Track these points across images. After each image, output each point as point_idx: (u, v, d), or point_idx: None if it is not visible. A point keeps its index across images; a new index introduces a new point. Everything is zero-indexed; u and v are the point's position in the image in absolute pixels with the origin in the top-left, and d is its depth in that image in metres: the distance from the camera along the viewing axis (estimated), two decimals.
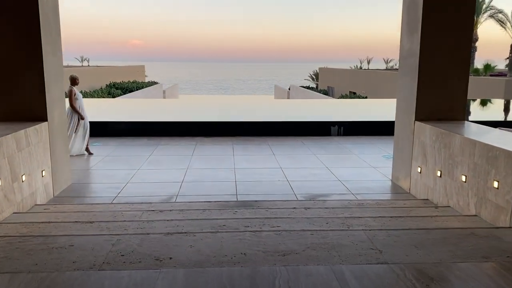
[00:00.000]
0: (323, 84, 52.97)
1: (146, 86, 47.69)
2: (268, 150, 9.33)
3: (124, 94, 38.64)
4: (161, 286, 2.73)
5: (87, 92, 35.29)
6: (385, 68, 60.35)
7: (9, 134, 4.94)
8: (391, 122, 11.58)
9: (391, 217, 4.55)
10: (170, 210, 4.94)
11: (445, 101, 6.13)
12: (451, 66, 6.06)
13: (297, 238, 3.72)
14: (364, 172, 7.53)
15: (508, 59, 31.84)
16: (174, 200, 5.94)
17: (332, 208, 5.05)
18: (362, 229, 4.01)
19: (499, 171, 4.25)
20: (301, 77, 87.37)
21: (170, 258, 3.33)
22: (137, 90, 42.59)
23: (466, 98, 6.21)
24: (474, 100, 19.20)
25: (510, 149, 4.16)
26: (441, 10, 5.91)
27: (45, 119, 5.84)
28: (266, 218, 4.42)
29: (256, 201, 5.55)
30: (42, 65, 5.70)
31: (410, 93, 6.28)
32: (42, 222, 4.31)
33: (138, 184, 6.74)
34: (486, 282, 2.80)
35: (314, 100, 25.33)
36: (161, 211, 4.91)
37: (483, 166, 4.50)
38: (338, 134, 11.16)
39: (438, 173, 5.46)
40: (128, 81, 48.99)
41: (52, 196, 6.04)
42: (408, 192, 6.37)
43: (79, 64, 70.87)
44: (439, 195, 5.46)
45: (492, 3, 34.62)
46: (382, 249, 3.52)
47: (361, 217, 4.54)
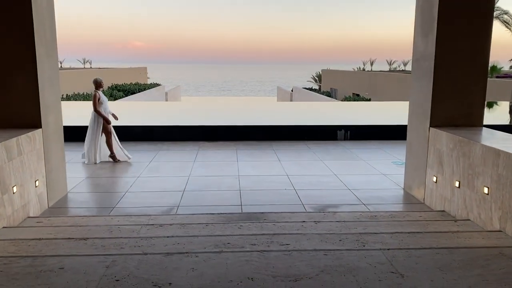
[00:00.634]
0: (326, 86, 52.64)
1: (148, 88, 47.45)
2: (273, 156, 9.00)
3: (126, 96, 38.40)
4: None
5: (89, 94, 35.07)
6: (389, 70, 59.96)
7: None
8: (399, 126, 11.36)
9: (409, 233, 4.21)
10: (171, 224, 4.61)
11: (462, 107, 5.79)
12: (469, 70, 5.72)
13: (309, 260, 3.39)
14: (374, 180, 7.19)
15: None
16: (175, 212, 5.61)
17: (344, 222, 4.72)
18: (380, 248, 3.67)
19: None
20: (304, 79, 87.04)
21: (170, 284, 3.01)
22: (139, 92, 42.36)
23: (484, 104, 5.86)
24: None
25: None
26: (458, 10, 5.58)
27: (39, 126, 5.53)
28: (274, 235, 4.09)
29: (262, 213, 5.22)
30: (36, 68, 5.39)
31: (425, 98, 5.94)
32: (32, 239, 3.99)
33: (138, 194, 6.42)
34: None
35: (319, 103, 25.00)
36: (161, 225, 4.58)
37: (509, 178, 4.16)
38: (345, 139, 10.82)
39: (456, 184, 5.12)
40: (130, 83, 48.78)
41: (47, 207, 5.72)
42: (423, 203, 6.03)
43: (81, 66, 70.71)
44: (458, 207, 5.11)
45: (498, 4, 34.22)
46: (404, 273, 3.19)
47: (377, 233, 4.20)
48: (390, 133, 10.89)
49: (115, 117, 8.69)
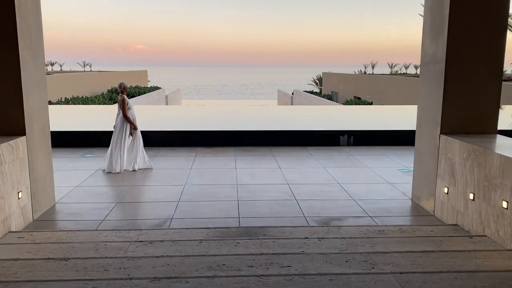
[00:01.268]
0: (327, 89, 52.30)
1: (149, 91, 47.11)
2: (273, 162, 8.63)
3: None
4: None
5: (88, 98, 34.76)
6: (390, 73, 59.61)
7: None
8: (404, 132, 10.99)
9: (422, 252, 3.84)
10: (162, 241, 4.24)
11: (475, 113, 5.42)
12: (482, 73, 5.35)
13: (314, 286, 3.02)
14: (380, 189, 6.82)
15: None
16: (168, 225, 5.24)
17: (350, 238, 4.34)
18: (391, 272, 3.31)
19: None
20: (304, 82, 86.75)
21: None
22: (139, 96, 42.03)
23: (498, 109, 5.50)
24: None
25: None
26: (471, 10, 5.22)
27: (23, 133, 5.17)
28: (274, 254, 3.72)
29: (261, 228, 4.85)
30: (19, 71, 5.03)
31: (434, 103, 5.58)
32: (8, 260, 3.62)
33: (129, 205, 6.05)
34: None
35: (321, 107, 24.65)
36: (151, 242, 4.21)
37: None
38: (348, 144, 10.46)
39: (471, 196, 4.74)
40: (130, 86, 48.43)
41: (31, 220, 5.35)
42: (432, 215, 5.65)
43: (81, 69, 70.46)
44: (472, 222, 4.74)
45: None
46: None
47: (386, 252, 3.83)
48: (395, 139, 10.52)
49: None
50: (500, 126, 5.66)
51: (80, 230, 4.84)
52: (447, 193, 5.29)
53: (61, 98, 32.25)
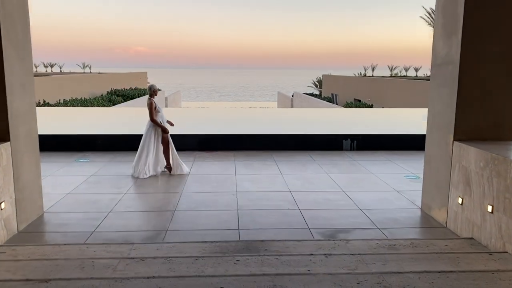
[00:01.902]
0: (327, 91, 51.96)
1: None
2: (275, 168, 8.28)
3: (125, 102, 37.70)
4: None
5: (87, 99, 34.40)
6: (390, 75, 59.31)
7: None
8: (409, 136, 10.64)
9: (440, 273, 3.49)
10: (154, 258, 3.88)
11: (491, 117, 5.08)
12: (499, 75, 5.01)
13: None
14: (387, 198, 6.47)
15: None
16: (163, 238, 4.88)
17: (360, 255, 3.99)
18: None
19: None
20: (304, 84, 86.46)
21: None
22: (138, 97, 41.68)
23: None
24: None
25: None
26: (487, 8, 4.88)
27: (7, 139, 4.82)
28: (277, 275, 3.37)
29: (263, 241, 4.49)
30: (3, 72, 4.69)
31: (447, 108, 5.24)
32: None
33: (122, 214, 5.69)
34: None
35: (322, 110, 24.31)
36: (143, 259, 3.86)
37: None
38: (351, 149, 10.11)
39: (489, 208, 4.39)
40: (130, 88, 48.11)
41: (16, 232, 4.99)
42: (445, 226, 5.30)
43: (81, 71, 70.14)
44: (491, 236, 4.39)
45: None
46: None
47: (401, 272, 3.48)
48: (400, 143, 10.18)
49: (171, 124, 8.05)
50: None
51: (67, 244, 4.48)
52: (462, 204, 4.93)
53: (60, 100, 31.86)
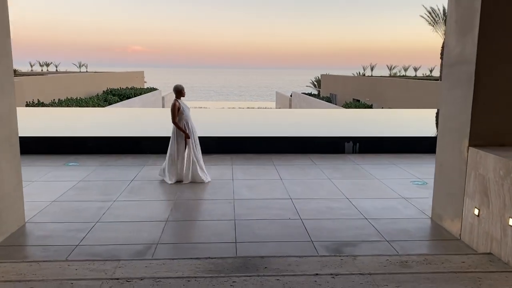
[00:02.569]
0: (326, 91, 51.58)
1: (145, 93, 46.28)
2: (274, 173, 7.87)
3: (121, 101, 37.21)
4: None
5: (82, 99, 33.92)
6: (389, 75, 59.01)
7: None
8: (413, 138, 10.25)
9: None
10: (141, 279, 3.47)
11: (511, 121, 4.68)
12: None
13: None
14: (394, 206, 6.07)
15: None
16: (152, 253, 4.47)
17: (370, 275, 3.59)
18: None
19: None
20: (303, 84, 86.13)
21: None
22: (135, 97, 41.21)
23: None
24: None
25: None
26: (509, 0, 4.48)
27: None
28: None
29: (262, 258, 4.08)
30: None
31: (462, 111, 4.84)
32: None
33: (110, 225, 5.27)
34: None
35: (323, 110, 23.94)
36: (128, 281, 3.45)
37: None
38: (354, 152, 9.71)
39: (510, 222, 4.00)
40: (126, 88, 47.61)
41: None
42: (459, 239, 4.90)
43: (77, 70, 69.53)
44: None
45: None
46: None
47: None
48: (404, 146, 9.80)
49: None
50: None
51: (47, 261, 4.06)
52: (478, 216, 4.54)
53: (55, 100, 31.36)
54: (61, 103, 30.70)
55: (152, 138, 9.77)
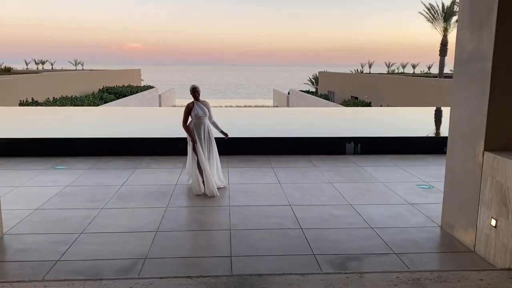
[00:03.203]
0: (323, 88, 51.21)
1: (141, 91, 45.81)
2: (272, 176, 7.48)
3: (117, 99, 36.75)
4: None
5: (77, 97, 33.44)
6: (387, 72, 58.67)
7: None
8: (416, 139, 9.86)
9: None
10: None
11: None
12: None
13: None
14: (401, 213, 5.68)
15: None
16: (139, 270, 4.07)
17: None
18: None
19: None
20: (300, 81, 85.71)
21: None
22: (131, 95, 40.74)
23: None
24: None
25: None
26: None
27: None
28: None
29: (260, 276, 3.69)
30: None
31: (476, 112, 4.46)
32: None
33: (95, 236, 4.87)
34: None
35: (322, 109, 23.56)
36: None
37: None
38: (355, 153, 9.32)
39: None
40: (123, 86, 47.10)
41: None
42: (473, 251, 4.52)
43: (73, 68, 68.94)
44: None
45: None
46: None
47: None
48: (406, 146, 9.42)
49: (225, 135, 6.97)
50: None
51: (21, 281, 3.66)
52: (495, 226, 4.16)
53: (49, 98, 30.87)
54: (56, 102, 30.21)
55: (145, 139, 9.36)
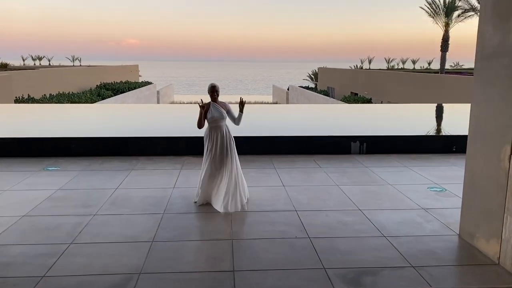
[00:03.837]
0: (323, 84, 50.77)
1: (139, 87, 45.32)
2: (275, 178, 7.10)
3: (115, 96, 36.28)
4: None
5: (74, 94, 32.96)
6: (387, 68, 58.26)
7: None
8: (425, 137, 9.50)
9: None
10: None
11: None
12: None
13: None
14: (414, 219, 5.31)
15: None
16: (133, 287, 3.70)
17: None
18: None
19: None
20: (299, 77, 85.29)
21: None
22: (129, 91, 40.27)
23: None
24: None
25: None
26: None
27: None
28: None
29: None
30: None
31: (501, 111, 4.08)
32: None
33: (86, 247, 4.48)
34: None
35: (323, 106, 23.18)
36: None
37: None
38: (360, 152, 8.95)
39: None
40: (120, 82, 46.62)
41: None
42: (497, 263, 4.15)
43: (71, 64, 68.33)
44: None
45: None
46: None
47: None
48: (414, 145, 9.06)
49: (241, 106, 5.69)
50: None
51: None
52: None
53: (46, 95, 30.38)
54: (52, 98, 29.72)
55: (142, 138, 8.97)
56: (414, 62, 61.08)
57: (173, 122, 12.07)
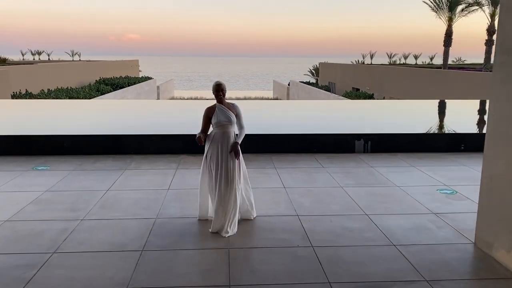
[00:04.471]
0: (324, 80, 50.29)
1: (139, 82, 44.89)
2: (276, 179, 6.74)
3: (114, 91, 35.88)
4: None
5: (73, 89, 32.57)
6: (389, 63, 57.74)
7: None
8: (432, 135, 9.14)
9: None
10: None
11: None
12: None
13: None
14: (425, 225, 4.94)
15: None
16: None
17: None
18: None
19: None
20: (300, 72, 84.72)
21: None
22: (129, 86, 39.86)
23: None
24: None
25: None
26: None
27: None
28: None
29: None
30: None
31: None
32: None
33: (70, 257, 4.13)
34: None
35: (325, 102, 22.78)
36: None
37: None
38: (365, 151, 8.58)
39: None
40: (120, 77, 46.16)
41: None
42: None
43: (70, 59, 67.85)
44: None
45: None
46: None
47: None
48: (420, 144, 8.69)
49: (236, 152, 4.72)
50: None
51: None
52: None
53: (44, 90, 29.98)
54: (50, 94, 29.33)
55: (137, 136, 8.60)
56: (416, 57, 60.58)
57: (170, 118, 11.69)
